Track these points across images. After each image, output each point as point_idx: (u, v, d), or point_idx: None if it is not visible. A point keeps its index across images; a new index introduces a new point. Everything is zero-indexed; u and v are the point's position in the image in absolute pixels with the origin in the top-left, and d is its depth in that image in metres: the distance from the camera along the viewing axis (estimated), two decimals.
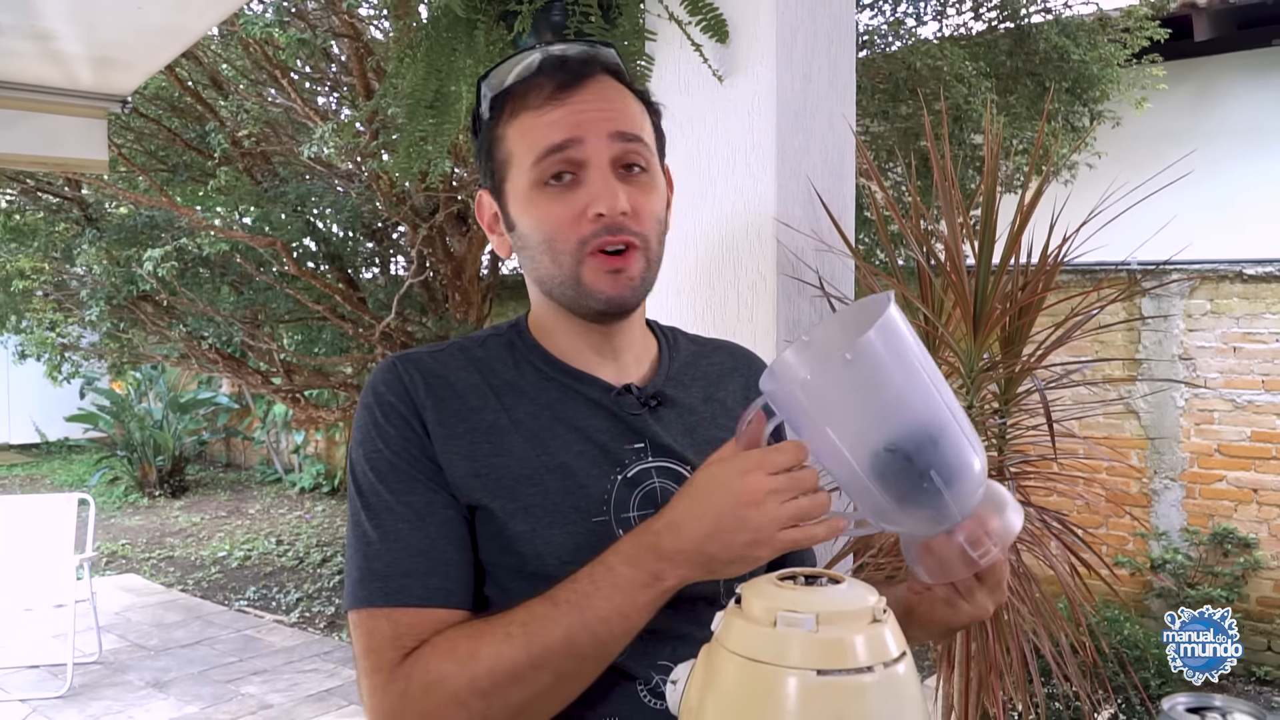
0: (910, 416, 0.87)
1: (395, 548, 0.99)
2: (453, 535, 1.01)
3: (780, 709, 0.72)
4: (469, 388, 1.06)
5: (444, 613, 0.98)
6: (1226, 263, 4.89)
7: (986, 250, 1.82)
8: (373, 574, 0.98)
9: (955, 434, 0.87)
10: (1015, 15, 4.43)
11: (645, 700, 1.03)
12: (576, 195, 1.03)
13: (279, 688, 4.76)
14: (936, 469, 0.86)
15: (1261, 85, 6.00)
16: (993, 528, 0.93)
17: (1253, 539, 4.83)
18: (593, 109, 1.03)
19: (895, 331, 0.84)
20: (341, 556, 7.13)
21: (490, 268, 6.15)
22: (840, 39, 2.07)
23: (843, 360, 0.82)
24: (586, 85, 1.04)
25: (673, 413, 1.13)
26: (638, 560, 0.92)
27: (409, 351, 1.10)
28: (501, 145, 1.07)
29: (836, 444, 0.86)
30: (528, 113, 1.04)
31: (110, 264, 5.12)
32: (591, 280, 1.04)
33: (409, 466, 1.01)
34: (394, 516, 1.00)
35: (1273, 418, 4.83)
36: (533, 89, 1.05)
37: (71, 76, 3.21)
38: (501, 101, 1.07)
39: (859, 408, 0.87)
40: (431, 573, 0.98)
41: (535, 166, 1.03)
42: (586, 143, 1.02)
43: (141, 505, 9.23)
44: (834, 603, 0.75)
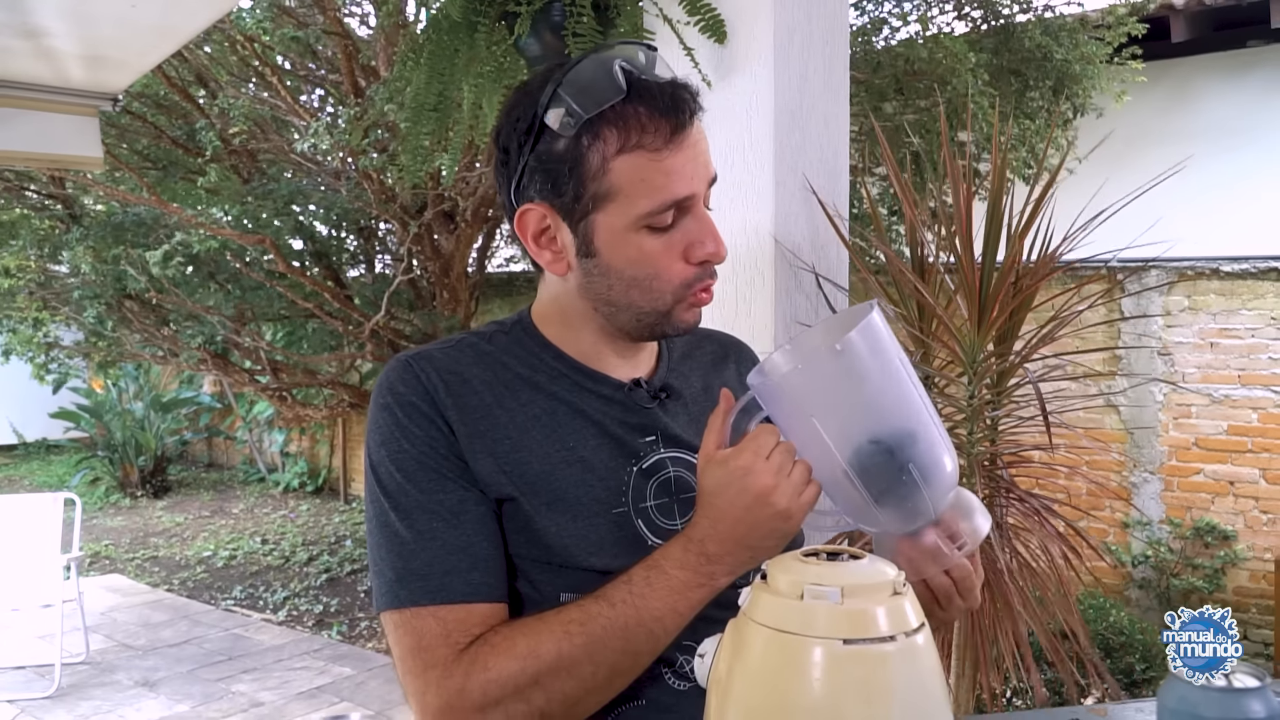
0: (893, 412, 0.92)
1: (433, 546, 1.00)
2: (486, 530, 1.02)
3: (808, 676, 0.76)
4: (484, 384, 1.07)
5: (488, 607, 1.00)
6: (1204, 260, 4.98)
7: (992, 246, 1.87)
8: (411, 573, 0.99)
9: (932, 434, 0.93)
10: (998, 15, 4.49)
11: (670, 682, 1.06)
12: (677, 236, 1.04)
13: (269, 686, 4.77)
14: (915, 464, 0.91)
15: (1236, 86, 6.10)
16: (961, 529, 0.98)
17: (1232, 532, 4.92)
18: (700, 155, 1.04)
19: (880, 332, 0.89)
20: (328, 555, 7.15)
21: (477, 265, 6.17)
22: (834, 40, 2.12)
23: (832, 352, 0.88)
24: (694, 125, 1.03)
25: (678, 404, 1.16)
26: (689, 565, 0.97)
27: (420, 350, 1.11)
28: (602, 176, 1.01)
29: (821, 435, 0.91)
30: (644, 153, 1.00)
31: (98, 262, 5.11)
32: (681, 315, 1.08)
33: (437, 464, 1.02)
34: (427, 515, 1.01)
35: (1248, 411, 4.92)
36: (646, 127, 1.00)
37: (63, 74, 3.21)
38: (600, 125, 1.00)
39: (845, 400, 0.92)
40: (473, 569, 1.00)
41: (649, 215, 1.02)
42: (698, 194, 1.04)
43: (123, 506, 9.19)
44: (857, 576, 0.79)
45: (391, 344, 5.67)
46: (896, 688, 0.76)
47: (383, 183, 4.96)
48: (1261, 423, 4.88)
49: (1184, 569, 4.98)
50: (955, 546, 0.97)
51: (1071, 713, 0.97)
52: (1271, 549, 4.83)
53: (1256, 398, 4.88)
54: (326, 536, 7.77)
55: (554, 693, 0.96)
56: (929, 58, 4.13)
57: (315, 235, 5.85)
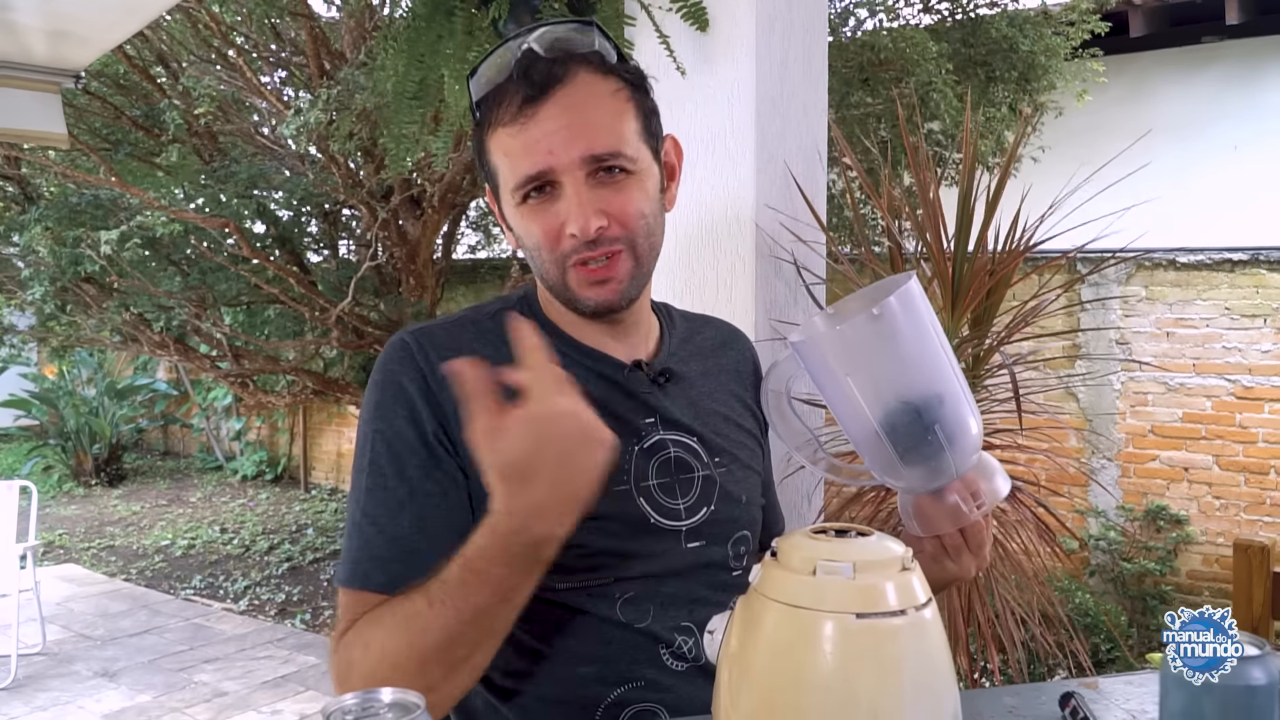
0: (923, 376, 0.94)
1: (369, 530, 1.02)
2: (426, 526, 1.01)
3: (821, 650, 0.77)
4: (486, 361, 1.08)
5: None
6: (1161, 251, 5.08)
7: (964, 232, 1.90)
8: (349, 552, 1.02)
9: (959, 398, 0.95)
10: (964, 8, 4.54)
11: (668, 662, 1.08)
12: (555, 209, 1.04)
13: (233, 675, 4.72)
14: (941, 425, 0.93)
15: (1192, 81, 6.22)
16: (982, 489, 1.01)
17: (1184, 515, 5.04)
18: (561, 128, 1.01)
19: (916, 301, 0.92)
20: (289, 544, 7.10)
21: (443, 251, 6.14)
22: (813, 29, 2.13)
23: (870, 316, 0.90)
24: (554, 96, 1.01)
25: (678, 387, 1.17)
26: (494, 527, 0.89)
27: (422, 326, 1.11)
28: (488, 156, 1.08)
29: (855, 395, 0.94)
30: (502, 129, 1.04)
31: (55, 244, 5.01)
32: (577, 289, 1.07)
33: (403, 450, 1.02)
34: (375, 501, 1.02)
35: (1203, 399, 5.03)
36: (503, 101, 1.03)
37: (25, 49, 3.14)
38: (480, 108, 1.06)
39: (879, 362, 0.94)
40: (395, 560, 1.00)
41: (516, 190, 1.04)
42: (557, 167, 1.02)
43: (77, 494, 9.03)
44: (868, 552, 0.81)
45: (357, 330, 5.63)
46: (906, 660, 0.78)
47: (349, 167, 4.91)
48: (1215, 410, 5.00)
49: (1137, 552, 5.09)
50: (974, 505, 0.99)
51: (1064, 685, 0.99)
52: (1224, 533, 4.95)
53: (1210, 386, 5.00)
54: (287, 525, 7.70)
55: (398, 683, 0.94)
56: (893, 48, 4.17)
57: (277, 219, 5.78)
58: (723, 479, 1.15)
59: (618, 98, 1.06)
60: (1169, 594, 4.99)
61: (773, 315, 2.01)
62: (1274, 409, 4.85)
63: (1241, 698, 0.74)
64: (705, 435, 1.16)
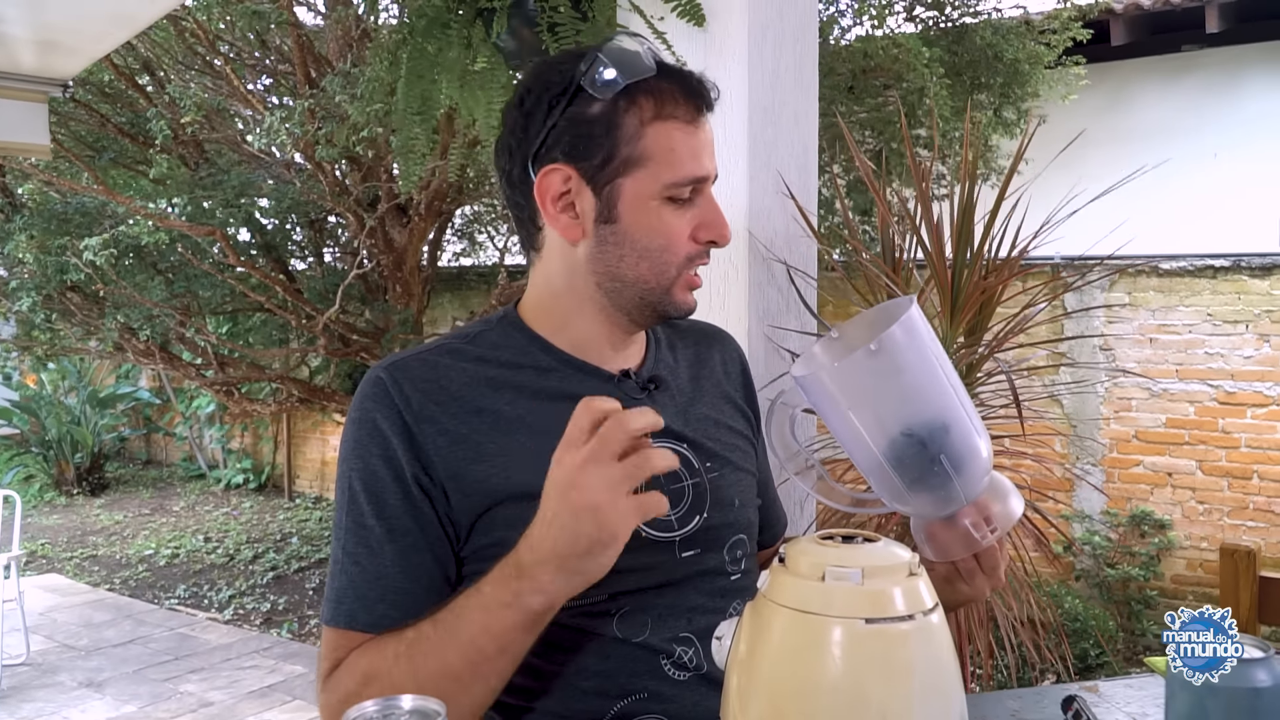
0: (925, 406, 0.94)
1: (353, 570, 1.02)
2: (407, 564, 1.02)
3: (830, 655, 0.78)
4: (464, 387, 1.07)
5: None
6: (1143, 258, 5.12)
7: (964, 242, 1.91)
8: (333, 591, 1.03)
9: (965, 425, 0.95)
10: (949, 17, 4.58)
11: (669, 673, 1.08)
12: (690, 214, 1.09)
13: (218, 685, 4.70)
14: (946, 455, 0.93)
15: (1172, 88, 6.29)
16: (994, 512, 1.00)
17: (1167, 520, 5.08)
18: (712, 144, 1.11)
19: (916, 329, 0.91)
20: (274, 553, 7.06)
21: (429, 259, 6.13)
22: (805, 37, 2.15)
23: (867, 351, 0.90)
24: (707, 114, 1.10)
25: (666, 395, 1.17)
26: (500, 579, 0.93)
27: (397, 359, 1.09)
28: (636, 140, 1.05)
29: (858, 427, 0.93)
30: (677, 123, 1.06)
31: (41, 253, 4.98)
32: (679, 293, 1.10)
33: (379, 490, 1.03)
34: (355, 539, 1.03)
35: (1186, 405, 5.07)
36: (680, 102, 1.07)
37: (13, 59, 3.13)
38: (636, 93, 1.05)
39: (880, 395, 0.94)
40: (381, 599, 1.01)
41: (675, 185, 1.06)
42: (710, 176, 1.10)
43: (59, 504, 8.96)
44: (876, 558, 0.82)
45: (343, 338, 5.61)
46: (915, 664, 0.79)
47: (336, 175, 4.91)
48: (1198, 415, 5.04)
49: (1122, 557, 5.13)
50: (987, 530, 0.99)
51: (1066, 689, 1.00)
52: (1208, 538, 4.99)
53: (1193, 391, 5.04)
54: (272, 534, 7.65)
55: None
56: (884, 55, 4.20)
57: (263, 227, 5.77)
58: (714, 484, 1.15)
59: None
60: (1154, 599, 5.02)
61: (766, 322, 2.02)
62: (1256, 414, 4.90)
63: (1246, 700, 0.75)
64: (696, 441, 1.16)
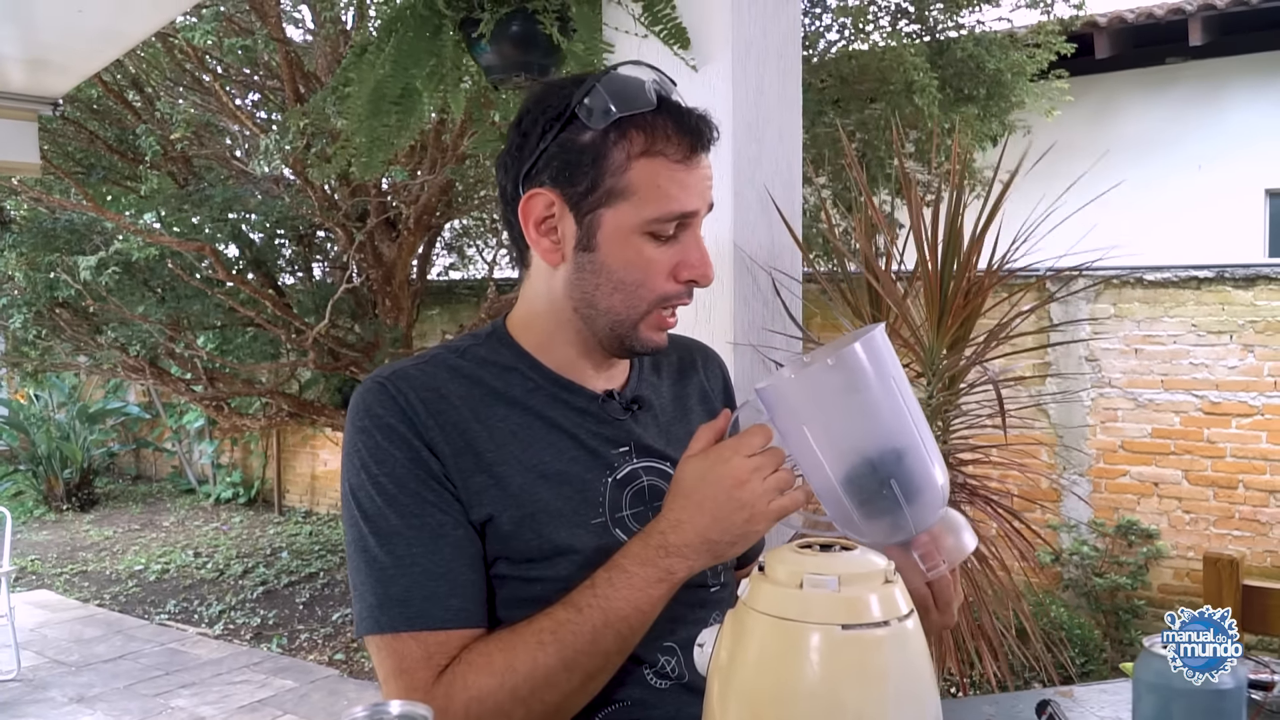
0: (879, 429, 0.96)
1: (412, 572, 1.01)
2: (466, 555, 1.03)
3: (808, 660, 0.80)
4: (461, 400, 1.08)
5: (467, 633, 1.02)
6: (1128, 269, 5.17)
7: (951, 256, 1.94)
8: (391, 599, 1.01)
9: (920, 453, 0.96)
10: (932, 30, 4.63)
11: (651, 682, 1.09)
12: (671, 251, 1.08)
13: (209, 700, 4.68)
14: (898, 480, 0.95)
15: (1155, 100, 6.35)
16: (945, 545, 1.02)
17: (1154, 529, 5.11)
18: (707, 182, 1.10)
19: (878, 351, 0.93)
20: (264, 567, 7.04)
21: (418, 273, 6.15)
22: (788, 54, 2.18)
23: (825, 366, 0.93)
24: (707, 153, 1.09)
25: (649, 415, 1.19)
26: (649, 560, 0.99)
27: (394, 369, 1.10)
28: (621, 173, 1.05)
29: (812, 445, 0.96)
30: (665, 161, 1.05)
31: (30, 270, 4.98)
32: (646, 331, 1.11)
33: (416, 488, 1.03)
34: (406, 541, 1.02)
35: (1171, 415, 5.11)
36: (671, 139, 1.06)
37: (3, 78, 3.15)
38: (626, 126, 1.05)
39: (835, 412, 0.97)
40: (452, 594, 1.01)
41: (656, 221, 1.06)
42: (699, 214, 1.09)
43: (48, 520, 8.92)
44: (852, 566, 0.84)
45: (333, 352, 5.62)
46: (890, 670, 0.81)
47: (325, 190, 4.93)
48: (1184, 425, 5.08)
49: (1109, 567, 5.16)
50: (937, 562, 1.00)
51: (1040, 694, 1.02)
52: (1195, 547, 5.02)
53: (1179, 402, 5.08)
54: (262, 549, 7.64)
55: (533, 704, 0.98)
56: (875, 66, 4.24)
57: (252, 242, 5.78)
58: None
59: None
60: (1141, 608, 5.05)
61: (751, 336, 2.05)
62: (1241, 424, 4.93)
63: (1210, 701, 0.77)
64: (678, 459, 1.18)
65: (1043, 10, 4.93)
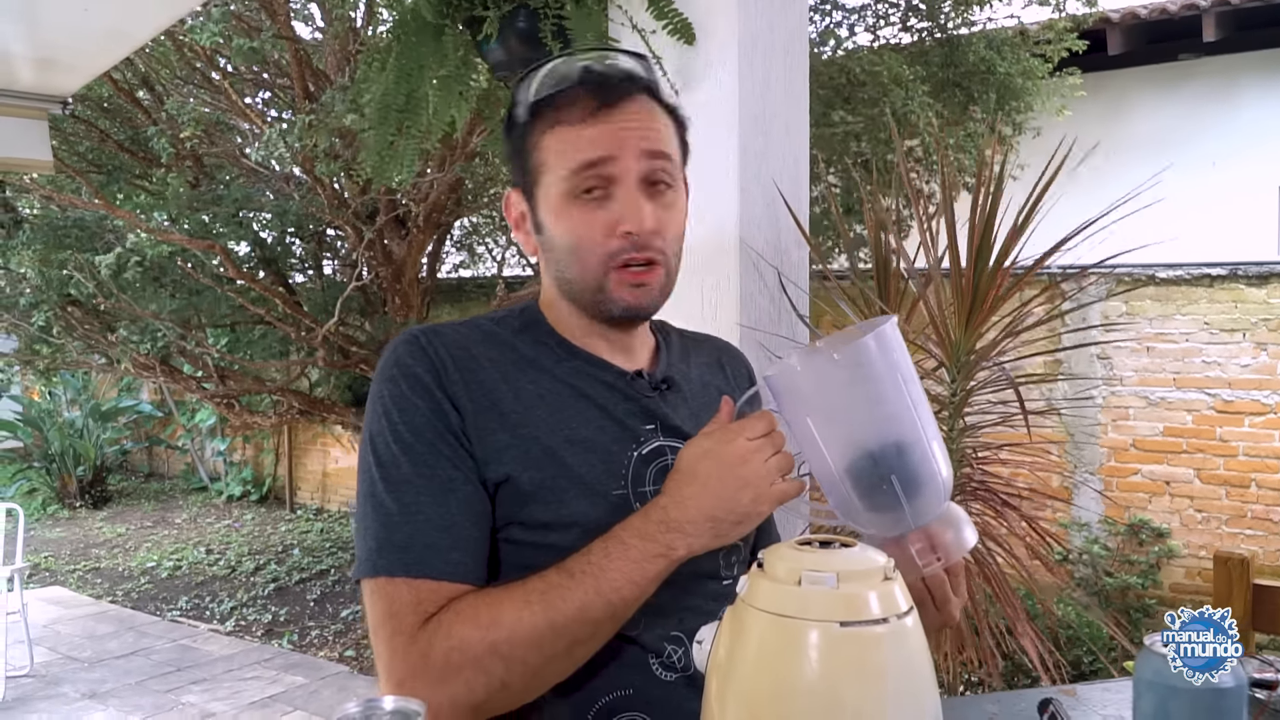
0: (881, 424, 0.96)
1: (416, 520, 1.02)
2: (472, 512, 1.04)
3: (807, 657, 0.79)
4: (490, 362, 1.10)
5: (462, 587, 1.02)
6: (1140, 267, 5.14)
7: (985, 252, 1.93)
8: (393, 545, 1.01)
9: (923, 450, 0.96)
10: (943, 28, 4.60)
11: (657, 673, 1.09)
12: (607, 210, 1.08)
13: (220, 696, 4.70)
14: (898, 475, 0.95)
15: (1170, 97, 6.31)
16: (943, 542, 1.01)
17: (1166, 528, 5.08)
18: (629, 126, 1.08)
19: (889, 345, 0.93)
20: (275, 564, 7.07)
21: (428, 271, 6.15)
22: (795, 49, 2.17)
23: (830, 359, 0.92)
24: (623, 104, 1.08)
25: (678, 397, 1.20)
26: (649, 534, 0.99)
27: (429, 325, 1.13)
28: (536, 153, 1.11)
29: (814, 435, 0.96)
30: (565, 126, 1.08)
31: (43, 267, 5.01)
32: (615, 291, 1.10)
33: (433, 440, 1.04)
34: (415, 490, 1.03)
35: (1183, 413, 5.08)
36: (573, 103, 1.08)
37: (12, 77, 3.16)
38: (539, 109, 1.10)
39: (839, 405, 0.97)
40: (453, 548, 1.02)
41: (570, 179, 1.08)
42: (620, 160, 1.07)
43: (62, 517, 8.98)
44: (851, 563, 0.83)
45: (343, 350, 5.63)
46: (889, 667, 0.80)
47: (335, 188, 4.93)
48: (1196, 424, 5.05)
49: (1120, 566, 5.13)
50: (932, 559, 0.99)
51: (1043, 693, 1.01)
52: (1206, 546, 4.99)
53: (1191, 400, 5.05)
54: (273, 545, 7.67)
55: (514, 662, 0.98)
56: (868, 70, 4.22)
57: (263, 241, 5.79)
58: None
59: (669, 124, 1.14)
60: (1152, 607, 5.02)
61: (758, 332, 2.04)
62: (1254, 422, 4.90)
63: (1209, 700, 0.76)
64: None
65: (1055, 8, 4.90)
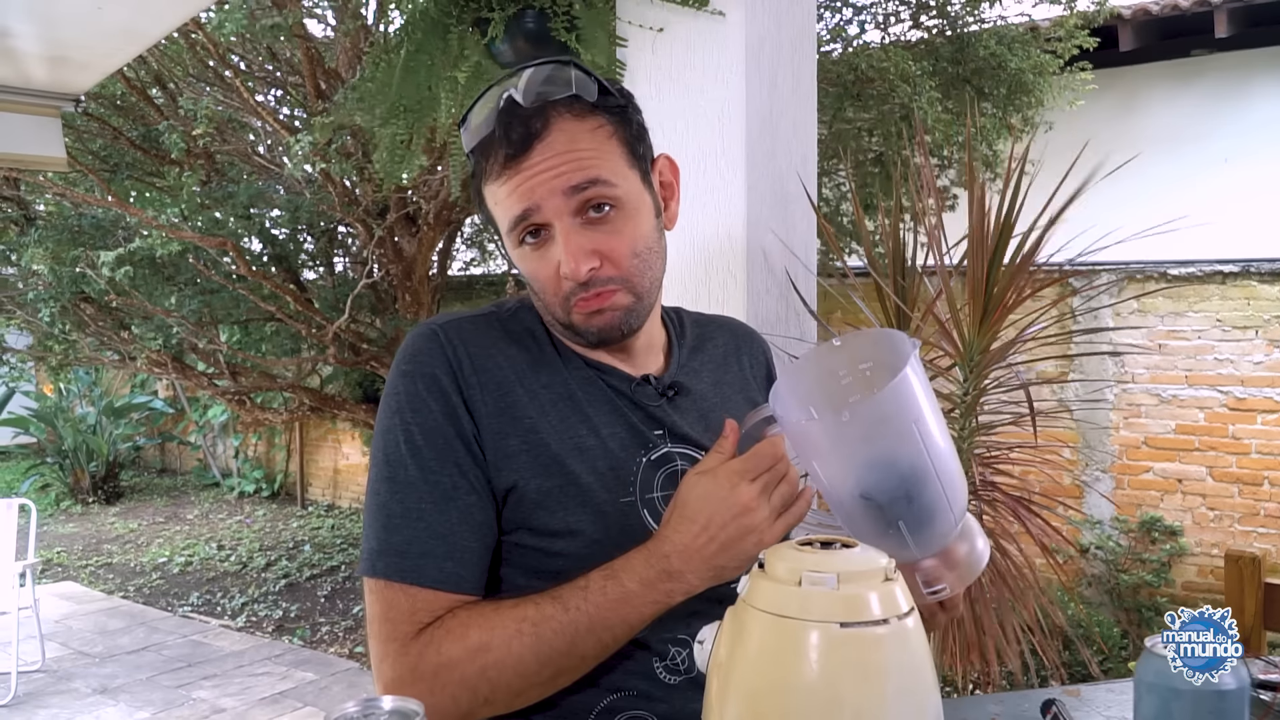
0: (891, 473, 0.94)
1: (416, 525, 1.02)
2: (472, 522, 1.04)
3: (807, 658, 0.79)
4: (508, 360, 1.10)
5: (456, 597, 1.03)
6: (1152, 264, 5.12)
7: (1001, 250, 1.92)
8: (391, 547, 1.02)
9: (935, 490, 0.94)
10: (954, 25, 4.58)
11: (661, 675, 1.09)
12: (550, 254, 1.06)
13: (230, 692, 4.73)
14: (905, 522, 0.94)
15: (1181, 94, 6.27)
16: (957, 558, 1.01)
17: (1178, 526, 5.06)
18: (542, 170, 1.03)
19: (904, 393, 0.90)
20: (286, 560, 7.10)
21: (439, 268, 6.16)
22: (802, 48, 2.17)
23: (838, 420, 0.91)
24: (535, 147, 1.03)
25: (688, 400, 1.18)
26: (650, 581, 0.98)
27: (449, 317, 1.12)
28: (485, 205, 1.11)
29: (822, 478, 0.95)
30: (490, 181, 1.07)
31: (56, 265, 5.04)
32: (581, 323, 1.09)
33: (442, 444, 1.04)
34: (418, 494, 1.03)
35: (1195, 411, 5.06)
36: (489, 155, 1.06)
37: (24, 74, 3.18)
38: (477, 157, 1.09)
39: (845, 459, 0.95)
40: (448, 557, 1.02)
41: (510, 232, 1.07)
42: (543, 208, 1.04)
43: (75, 512, 9.03)
44: (852, 563, 0.83)
45: (353, 347, 5.65)
46: (889, 668, 0.80)
47: (345, 186, 4.94)
48: (1208, 422, 5.03)
49: (1132, 564, 5.11)
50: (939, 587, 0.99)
51: (1047, 693, 1.01)
52: (1219, 544, 4.97)
53: (1203, 397, 5.03)
54: (284, 542, 7.70)
55: (499, 686, 0.99)
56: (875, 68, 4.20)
57: (274, 238, 5.81)
58: None
59: (597, 134, 1.07)
60: (1164, 605, 5.00)
61: (766, 330, 2.04)
62: (1267, 420, 4.88)
63: (1210, 701, 0.76)
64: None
65: (1065, 5, 4.87)
